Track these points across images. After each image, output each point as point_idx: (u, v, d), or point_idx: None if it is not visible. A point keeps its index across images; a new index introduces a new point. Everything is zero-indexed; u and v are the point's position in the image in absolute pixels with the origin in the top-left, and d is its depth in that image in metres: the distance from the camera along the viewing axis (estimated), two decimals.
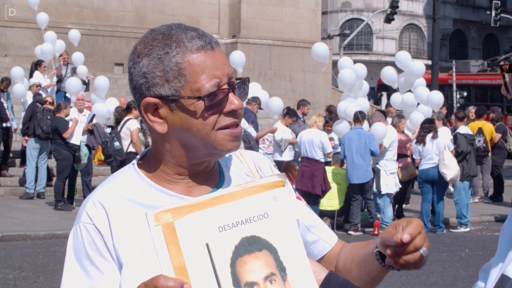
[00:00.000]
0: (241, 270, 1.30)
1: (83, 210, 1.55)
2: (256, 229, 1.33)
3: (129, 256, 1.48)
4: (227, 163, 1.68)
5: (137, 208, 1.52)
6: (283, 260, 1.33)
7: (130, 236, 1.49)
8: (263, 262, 1.32)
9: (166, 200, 1.53)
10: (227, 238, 1.31)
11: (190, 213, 1.31)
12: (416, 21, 46.16)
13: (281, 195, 1.37)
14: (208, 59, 1.51)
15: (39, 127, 12.97)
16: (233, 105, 1.52)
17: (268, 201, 1.36)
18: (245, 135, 11.15)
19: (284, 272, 1.32)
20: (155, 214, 1.30)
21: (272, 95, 16.81)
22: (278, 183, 1.38)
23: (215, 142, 1.52)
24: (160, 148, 1.58)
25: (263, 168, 1.72)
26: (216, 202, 1.34)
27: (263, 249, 1.32)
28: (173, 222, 1.30)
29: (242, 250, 1.31)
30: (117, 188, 1.57)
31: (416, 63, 14.67)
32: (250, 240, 1.32)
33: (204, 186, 1.60)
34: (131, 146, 11.74)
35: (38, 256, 8.96)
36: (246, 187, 1.36)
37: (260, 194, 1.36)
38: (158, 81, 1.51)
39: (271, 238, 1.34)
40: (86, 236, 1.52)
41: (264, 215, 1.34)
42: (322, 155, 11.34)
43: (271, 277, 1.31)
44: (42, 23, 18.81)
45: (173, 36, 1.52)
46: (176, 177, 1.58)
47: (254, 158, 1.74)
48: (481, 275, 1.47)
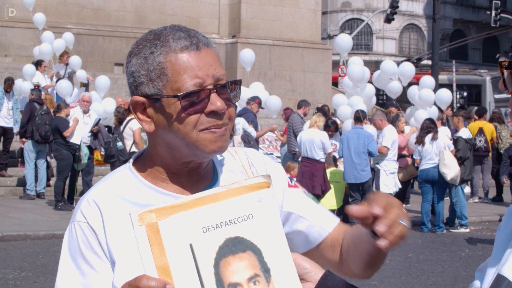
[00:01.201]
0: (225, 271, 1.30)
1: (78, 209, 1.57)
2: (241, 230, 1.33)
3: (121, 254, 1.49)
4: (221, 162, 1.68)
5: (131, 207, 1.52)
6: (267, 261, 1.33)
7: (123, 235, 1.50)
8: (247, 263, 1.31)
9: (160, 199, 1.54)
10: (211, 238, 1.31)
11: (174, 213, 1.31)
12: (416, 21, 46.16)
13: (266, 196, 1.37)
14: (191, 59, 1.50)
15: (37, 132, 12.92)
16: (214, 106, 1.50)
17: (253, 202, 1.35)
18: (245, 135, 11.16)
19: (268, 273, 1.32)
20: (139, 214, 1.29)
21: (272, 95, 16.83)
22: (263, 184, 1.38)
23: (196, 142, 1.51)
24: (152, 147, 1.60)
25: (256, 164, 1.72)
26: (201, 202, 1.33)
27: (247, 250, 1.32)
28: (157, 222, 1.30)
29: (226, 251, 1.31)
30: (112, 187, 1.58)
31: (406, 64, 14.90)
32: (234, 241, 1.32)
33: (198, 184, 1.60)
34: (133, 146, 11.75)
35: (38, 256, 8.96)
36: (230, 188, 1.36)
37: (244, 195, 1.35)
38: (143, 80, 1.53)
39: (256, 239, 1.33)
40: (81, 235, 1.54)
41: (248, 216, 1.34)
42: (322, 155, 11.34)
43: (255, 278, 1.31)
44: (39, 23, 18.81)
45: (161, 37, 1.53)
46: (169, 176, 1.59)
47: (247, 155, 1.73)
48: (477, 275, 1.47)
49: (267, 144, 16.62)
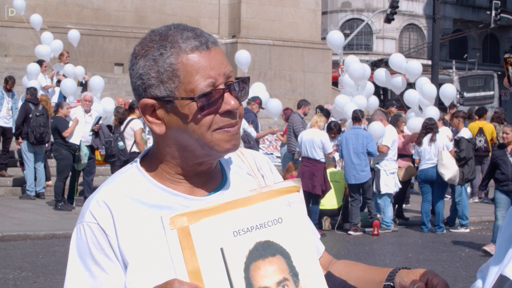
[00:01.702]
0: (255, 275, 1.31)
1: (87, 209, 1.54)
2: (270, 234, 1.34)
3: (135, 256, 1.47)
4: (229, 163, 1.68)
5: (141, 207, 1.52)
6: (296, 266, 1.34)
7: (135, 236, 1.49)
8: (277, 267, 1.32)
9: (170, 199, 1.53)
10: (241, 242, 1.32)
11: (205, 217, 1.32)
12: (416, 21, 46.16)
13: (295, 201, 1.38)
14: (202, 59, 1.49)
15: (32, 134, 12.89)
16: (229, 105, 1.50)
17: (282, 206, 1.36)
18: (245, 135, 11.16)
19: (296, 277, 1.33)
20: (171, 217, 1.30)
21: (272, 95, 16.84)
22: (293, 188, 1.39)
23: (211, 142, 1.51)
24: (161, 149, 1.58)
25: (263, 167, 1.72)
26: (231, 206, 1.34)
27: (277, 254, 1.33)
28: (188, 226, 1.30)
29: (256, 255, 1.32)
30: (120, 187, 1.56)
31: (413, 62, 14.83)
32: (264, 245, 1.33)
33: (207, 185, 1.59)
34: (134, 146, 11.75)
35: (38, 256, 8.96)
36: (261, 191, 1.37)
37: (274, 199, 1.37)
38: (153, 82, 1.51)
39: (285, 243, 1.34)
40: (90, 236, 1.51)
41: (278, 220, 1.35)
42: (322, 155, 11.34)
43: (283, 282, 1.32)
44: (36, 24, 18.81)
45: (169, 37, 1.51)
46: (178, 177, 1.57)
47: (255, 157, 1.73)
48: (479, 275, 1.47)
49: (267, 144, 16.63)
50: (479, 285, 1.42)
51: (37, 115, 12.88)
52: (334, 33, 16.30)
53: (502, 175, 9.71)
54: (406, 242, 10.77)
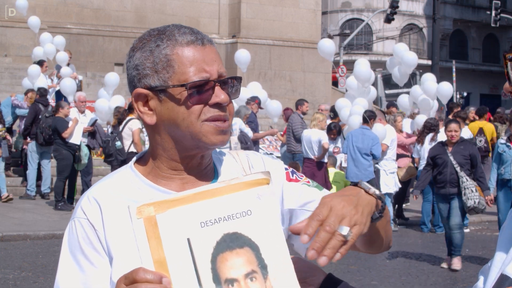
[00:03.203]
0: (222, 266, 1.30)
1: (79, 206, 1.60)
2: (239, 226, 1.33)
3: (119, 250, 1.51)
4: (222, 162, 1.70)
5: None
6: (264, 258, 1.32)
7: (121, 231, 1.52)
8: (245, 259, 1.31)
9: (160, 197, 1.54)
10: (208, 233, 1.31)
11: (173, 207, 1.31)
12: (416, 21, 46.15)
13: (265, 193, 1.36)
14: (197, 53, 1.54)
15: (41, 136, 12.90)
16: (218, 98, 1.54)
17: (252, 199, 1.35)
18: (241, 136, 11.15)
19: (265, 270, 1.32)
20: (138, 207, 1.30)
21: (272, 95, 16.84)
22: (263, 180, 1.37)
23: (200, 133, 1.53)
24: (153, 143, 1.62)
25: (256, 166, 1.72)
26: (199, 197, 1.33)
27: (245, 246, 1.32)
28: (155, 216, 1.30)
29: (223, 246, 1.31)
30: (113, 185, 1.60)
31: (410, 53, 14.99)
32: (232, 237, 1.32)
33: (199, 182, 1.60)
34: (132, 146, 11.74)
35: (38, 256, 8.96)
36: (230, 183, 1.36)
37: (244, 191, 1.35)
38: (148, 72, 1.55)
39: (254, 235, 1.33)
40: (80, 231, 1.56)
41: (247, 212, 1.34)
42: (318, 152, 11.35)
43: (251, 274, 1.31)
44: (34, 26, 18.81)
45: (167, 32, 1.57)
46: (171, 173, 1.60)
47: (248, 157, 1.74)
48: (481, 275, 1.47)
49: (267, 144, 16.62)
50: (481, 285, 1.42)
51: (47, 116, 12.89)
52: (325, 41, 16.21)
53: (440, 175, 8.67)
54: (406, 242, 10.76)
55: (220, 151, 1.73)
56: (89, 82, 20.92)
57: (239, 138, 11.05)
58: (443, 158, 8.62)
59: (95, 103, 15.50)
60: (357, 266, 8.75)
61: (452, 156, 8.57)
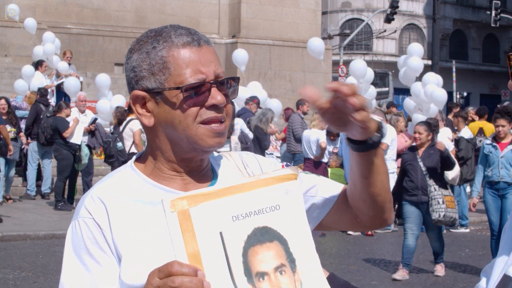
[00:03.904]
0: (253, 260, 1.32)
1: (82, 205, 1.58)
2: (268, 220, 1.36)
3: (128, 249, 1.50)
4: (218, 164, 1.71)
5: (135, 204, 1.55)
6: (293, 252, 1.35)
7: (129, 230, 1.51)
8: (274, 253, 1.34)
9: (163, 196, 1.54)
10: (240, 227, 1.34)
11: (205, 201, 1.33)
12: (416, 21, 46.15)
13: (293, 188, 1.40)
14: (193, 55, 1.54)
15: (42, 136, 12.90)
16: (215, 99, 1.53)
17: (280, 193, 1.38)
18: (242, 136, 11.13)
19: (293, 263, 1.35)
20: (172, 200, 1.32)
21: (272, 95, 16.84)
22: (291, 176, 1.41)
23: (196, 136, 1.54)
24: (152, 144, 1.62)
25: (251, 165, 1.73)
26: (230, 191, 1.36)
27: (274, 240, 1.35)
28: (188, 209, 1.32)
29: (254, 240, 1.33)
30: (115, 185, 1.59)
31: (414, 59, 14.98)
32: (262, 231, 1.35)
33: (200, 183, 1.61)
34: (133, 147, 11.73)
35: (38, 256, 8.96)
36: (259, 178, 1.39)
37: (272, 186, 1.38)
38: (145, 74, 1.56)
39: (282, 229, 1.36)
40: (85, 230, 1.54)
41: (276, 207, 1.37)
42: (316, 151, 11.35)
43: (281, 268, 1.34)
44: (31, 28, 18.80)
45: (163, 33, 1.57)
46: (171, 174, 1.60)
47: (242, 157, 1.76)
48: (483, 275, 1.47)
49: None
50: (483, 285, 1.42)
51: (48, 116, 12.90)
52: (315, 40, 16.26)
53: (410, 182, 8.11)
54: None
55: (213, 153, 1.74)
56: (89, 82, 20.91)
57: (239, 138, 11.03)
58: (413, 164, 8.12)
59: (97, 104, 15.50)
60: (357, 266, 8.75)
61: (421, 161, 8.10)
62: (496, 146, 8.31)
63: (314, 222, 1.69)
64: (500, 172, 8.21)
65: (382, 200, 1.63)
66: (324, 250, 9.67)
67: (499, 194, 8.25)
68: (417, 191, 8.07)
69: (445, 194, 8.00)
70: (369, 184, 1.59)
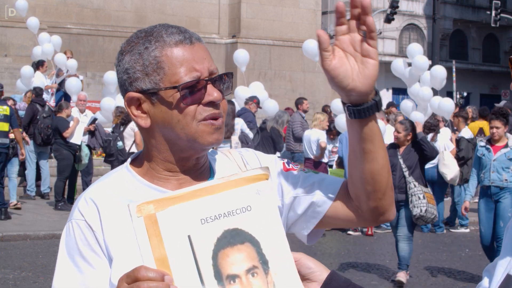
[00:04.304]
0: (223, 262, 1.30)
1: (76, 207, 1.59)
2: (239, 222, 1.33)
3: (119, 251, 1.50)
4: (217, 162, 1.70)
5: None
6: (265, 253, 1.33)
7: (120, 232, 1.51)
8: (245, 255, 1.32)
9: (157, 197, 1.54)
10: (209, 230, 1.31)
11: (172, 205, 1.31)
12: (416, 21, 46.15)
13: (265, 188, 1.37)
14: (186, 53, 1.53)
15: (39, 136, 12.89)
16: (211, 96, 1.53)
17: (251, 194, 1.35)
18: (242, 136, 11.13)
19: (266, 265, 1.32)
20: (138, 205, 1.30)
21: (272, 95, 16.84)
22: (262, 176, 1.38)
23: (196, 134, 1.53)
24: (148, 145, 1.61)
25: (250, 162, 1.72)
26: (199, 194, 1.34)
27: (246, 242, 1.32)
28: (155, 214, 1.30)
29: (224, 242, 1.31)
30: (109, 186, 1.59)
31: (420, 58, 14.98)
32: (233, 233, 1.32)
33: (195, 182, 1.60)
34: (133, 147, 11.73)
35: (38, 256, 8.96)
36: (229, 179, 1.36)
37: (243, 187, 1.36)
38: (138, 75, 1.54)
39: (254, 231, 1.33)
40: (78, 232, 1.54)
41: (247, 208, 1.34)
42: (317, 151, 11.35)
43: (253, 270, 1.31)
44: (33, 27, 18.80)
45: (154, 33, 1.56)
46: (166, 174, 1.59)
47: (242, 154, 1.75)
48: (485, 274, 1.46)
49: None
50: (486, 284, 1.42)
51: (44, 117, 12.87)
52: (310, 42, 16.24)
53: None
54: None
55: (213, 150, 1.73)
56: (89, 82, 20.93)
57: (240, 138, 11.02)
58: (393, 161, 7.67)
59: (101, 103, 15.50)
60: (357, 266, 8.75)
61: (402, 159, 7.80)
62: (489, 149, 7.94)
63: (316, 218, 1.67)
64: (491, 176, 7.81)
65: (383, 181, 1.60)
66: (324, 250, 9.67)
67: (493, 200, 7.82)
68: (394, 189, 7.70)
69: (425, 191, 7.64)
70: (371, 160, 1.57)
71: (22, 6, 19.18)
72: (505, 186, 7.71)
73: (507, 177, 7.71)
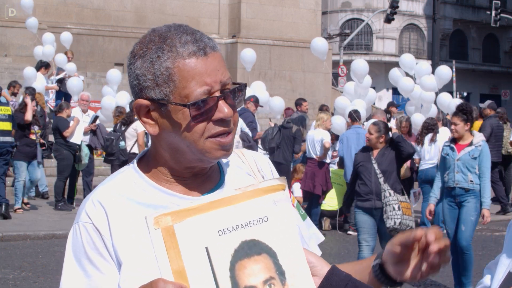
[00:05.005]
0: (240, 274, 1.30)
1: (83, 209, 1.55)
2: (256, 233, 1.33)
3: (128, 255, 1.48)
4: (228, 163, 1.68)
5: (136, 207, 1.52)
6: (282, 264, 1.33)
7: (129, 235, 1.49)
8: (262, 266, 1.32)
9: (165, 199, 1.53)
10: (226, 241, 1.31)
11: (190, 216, 1.31)
12: (416, 21, 46.17)
13: (281, 199, 1.37)
14: (199, 65, 1.49)
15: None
16: (222, 113, 1.50)
17: (268, 205, 1.36)
18: (243, 134, 11.13)
19: (283, 276, 1.32)
20: (155, 217, 1.30)
21: (272, 95, 16.83)
22: (278, 186, 1.38)
23: (203, 150, 1.51)
24: (156, 149, 1.59)
25: (264, 169, 1.71)
26: (216, 205, 1.33)
27: (263, 253, 1.32)
28: (172, 226, 1.30)
29: (241, 253, 1.31)
30: (117, 187, 1.57)
31: (422, 63, 14.96)
32: (250, 244, 1.32)
33: (204, 186, 1.59)
34: (135, 147, 11.72)
35: (38, 256, 8.96)
36: (246, 190, 1.36)
37: (260, 197, 1.36)
38: (149, 84, 1.52)
39: (271, 242, 1.34)
40: (85, 236, 1.52)
41: (264, 219, 1.34)
42: (320, 151, 11.36)
43: (270, 281, 1.31)
44: (32, 27, 18.80)
45: (168, 40, 1.51)
46: (174, 178, 1.58)
47: (255, 159, 1.73)
48: (487, 272, 1.46)
49: None
50: (487, 282, 1.42)
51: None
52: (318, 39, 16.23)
53: (364, 186, 7.25)
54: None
55: None
56: (89, 82, 20.92)
57: (241, 136, 11.02)
58: (366, 165, 7.26)
59: (101, 102, 15.51)
60: None
61: (376, 163, 7.27)
62: (453, 148, 7.40)
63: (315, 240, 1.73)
64: (455, 176, 7.28)
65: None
66: (324, 250, 9.63)
67: (457, 202, 7.40)
68: (370, 196, 7.21)
69: (401, 200, 7.17)
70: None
71: (27, 4, 19.16)
72: (470, 188, 7.27)
73: (472, 178, 7.25)
